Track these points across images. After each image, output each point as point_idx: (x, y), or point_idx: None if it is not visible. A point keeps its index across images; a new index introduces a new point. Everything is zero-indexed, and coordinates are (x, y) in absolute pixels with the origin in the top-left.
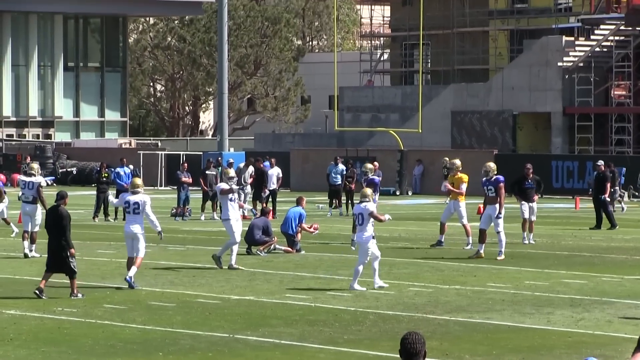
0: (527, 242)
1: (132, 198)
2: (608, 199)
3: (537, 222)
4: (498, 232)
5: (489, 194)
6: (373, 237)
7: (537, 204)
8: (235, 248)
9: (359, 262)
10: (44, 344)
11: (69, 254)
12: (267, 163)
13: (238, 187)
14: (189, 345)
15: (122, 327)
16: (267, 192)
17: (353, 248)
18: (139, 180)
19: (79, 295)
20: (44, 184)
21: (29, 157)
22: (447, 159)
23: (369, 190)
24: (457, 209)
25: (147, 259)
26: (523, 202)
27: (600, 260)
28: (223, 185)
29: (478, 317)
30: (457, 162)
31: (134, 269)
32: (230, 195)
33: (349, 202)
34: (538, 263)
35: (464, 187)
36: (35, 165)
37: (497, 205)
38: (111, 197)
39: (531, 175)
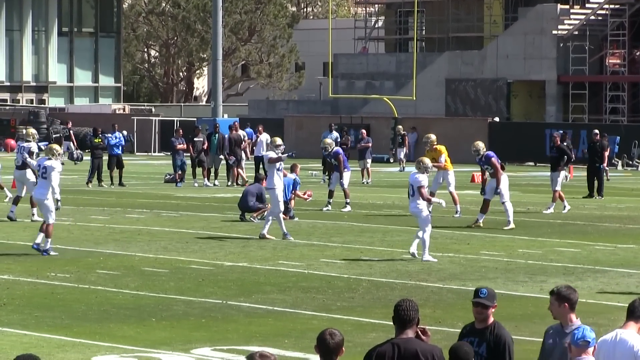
0: (548, 211)
1: (45, 162)
2: (607, 168)
3: (531, 191)
4: (503, 203)
5: (488, 172)
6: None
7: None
8: (280, 217)
9: (422, 231)
10: (37, 308)
11: None
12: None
13: (286, 154)
14: (182, 311)
15: (115, 293)
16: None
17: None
18: (54, 146)
19: None
20: (34, 149)
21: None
22: (400, 127)
23: (427, 160)
24: (445, 177)
25: (141, 225)
26: (550, 172)
27: (594, 229)
28: (271, 154)
29: (471, 284)
30: (432, 136)
31: (40, 236)
32: (277, 164)
33: None
34: (531, 231)
35: (442, 159)
36: (31, 131)
37: (496, 180)
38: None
39: (557, 144)
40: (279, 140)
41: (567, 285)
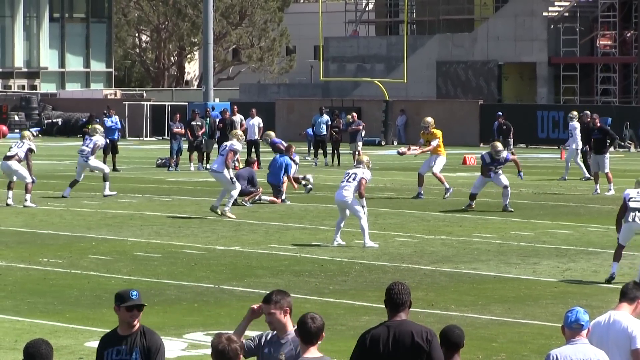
0: (597, 193)
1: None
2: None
3: (523, 173)
4: (506, 187)
5: (493, 168)
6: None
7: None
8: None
9: (359, 219)
10: (30, 294)
11: None
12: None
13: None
14: (175, 296)
15: (108, 278)
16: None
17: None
18: (25, 132)
19: None
20: (33, 147)
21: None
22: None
23: (365, 158)
24: (435, 160)
25: (133, 210)
26: (592, 154)
27: (586, 211)
28: (236, 146)
29: (464, 267)
30: (429, 119)
31: None
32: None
33: (335, 152)
34: (524, 213)
35: (434, 142)
36: (27, 133)
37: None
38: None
39: (599, 125)
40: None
41: (280, 290)
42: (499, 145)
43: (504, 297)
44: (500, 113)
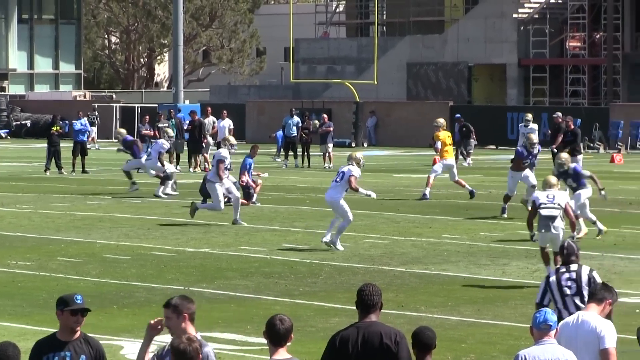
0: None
1: None
2: (555, 150)
3: (492, 174)
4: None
5: (527, 162)
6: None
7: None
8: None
9: (346, 220)
10: None
11: None
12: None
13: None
14: (144, 298)
15: (77, 280)
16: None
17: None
18: None
19: None
20: None
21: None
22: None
23: (359, 154)
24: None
25: (103, 212)
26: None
27: None
28: (224, 153)
29: (434, 268)
30: (440, 120)
31: None
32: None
33: (305, 154)
34: (494, 214)
35: (437, 145)
36: None
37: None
38: None
39: (571, 128)
40: (232, 140)
41: (183, 296)
42: (534, 137)
43: (474, 298)
44: (458, 115)
